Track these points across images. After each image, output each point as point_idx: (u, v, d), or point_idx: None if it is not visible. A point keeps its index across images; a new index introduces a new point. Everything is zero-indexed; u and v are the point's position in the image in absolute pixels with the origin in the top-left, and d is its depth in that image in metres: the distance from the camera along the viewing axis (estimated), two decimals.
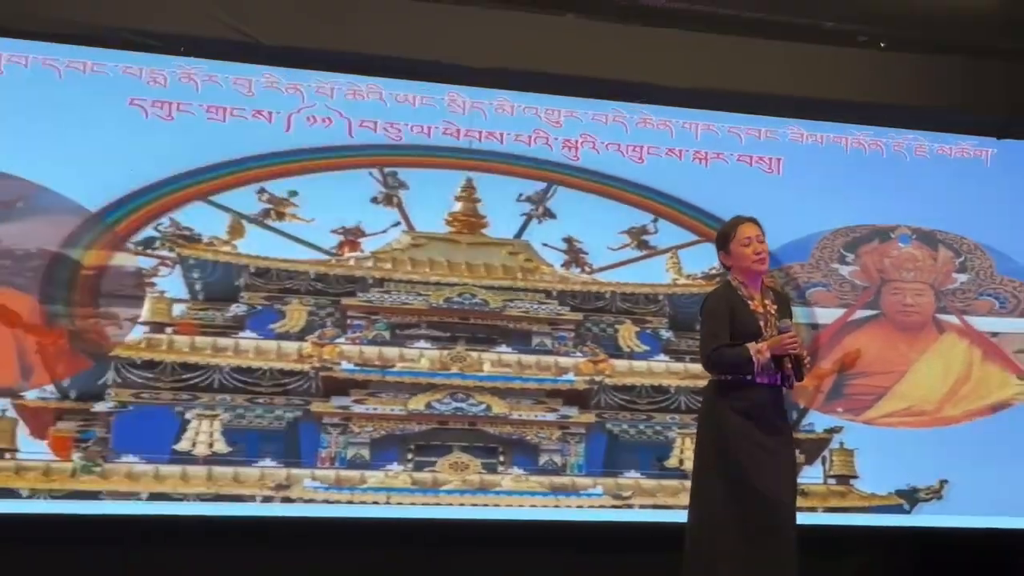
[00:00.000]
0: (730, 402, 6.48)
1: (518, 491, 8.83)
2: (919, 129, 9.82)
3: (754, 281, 6.62)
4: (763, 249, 6.64)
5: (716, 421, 6.53)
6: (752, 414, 6.42)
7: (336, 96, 8.82)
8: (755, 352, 6.39)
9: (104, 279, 8.33)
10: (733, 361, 6.44)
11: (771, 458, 6.41)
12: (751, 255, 6.58)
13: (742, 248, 6.60)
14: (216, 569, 8.34)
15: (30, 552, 8.03)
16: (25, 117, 8.27)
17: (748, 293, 6.58)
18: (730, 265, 6.69)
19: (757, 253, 6.59)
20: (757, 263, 6.60)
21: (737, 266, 6.64)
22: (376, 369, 8.70)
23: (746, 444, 6.40)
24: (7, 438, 8.09)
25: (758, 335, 6.45)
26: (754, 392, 6.45)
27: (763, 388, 6.46)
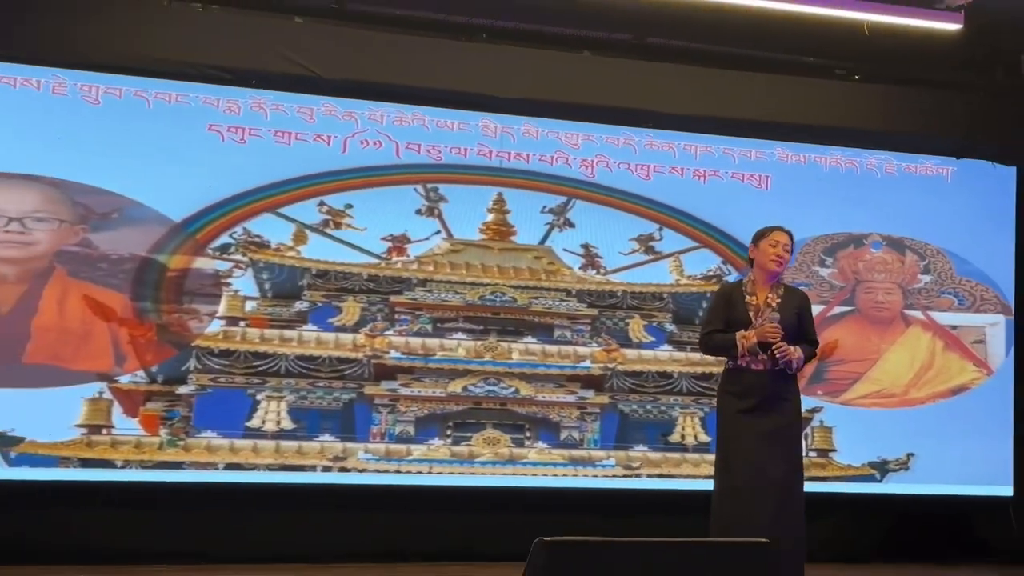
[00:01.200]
0: (727, 387, 6.52)
1: (542, 462, 8.89)
2: (888, 150, 9.82)
3: (768, 278, 6.59)
4: (784, 256, 6.59)
5: (719, 405, 6.58)
6: (744, 396, 6.42)
7: (385, 122, 8.83)
8: (740, 337, 6.40)
9: (186, 280, 8.36)
10: (720, 344, 6.44)
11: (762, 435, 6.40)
12: (772, 255, 6.55)
13: (769, 247, 6.57)
14: (282, 529, 8.44)
15: (124, 514, 8.14)
16: (119, 141, 8.28)
17: (752, 289, 6.58)
18: (753, 259, 6.66)
19: (778, 256, 6.57)
20: (772, 262, 6.56)
21: (759, 262, 6.62)
22: (420, 357, 8.75)
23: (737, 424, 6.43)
24: (104, 416, 8.12)
25: (748, 324, 6.46)
26: (746, 377, 6.44)
27: (755, 373, 6.44)
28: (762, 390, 6.49)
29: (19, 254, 8.08)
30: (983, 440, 9.70)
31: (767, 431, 6.44)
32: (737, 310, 6.51)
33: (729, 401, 6.49)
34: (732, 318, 6.49)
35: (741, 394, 6.45)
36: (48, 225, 8.15)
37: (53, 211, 8.17)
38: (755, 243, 6.70)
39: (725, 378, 6.58)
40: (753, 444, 6.41)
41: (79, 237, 8.20)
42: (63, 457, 8.03)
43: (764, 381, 6.49)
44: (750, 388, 6.47)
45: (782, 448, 6.50)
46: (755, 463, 6.38)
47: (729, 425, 6.49)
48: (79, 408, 8.12)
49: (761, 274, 6.62)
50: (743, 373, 6.48)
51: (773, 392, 6.50)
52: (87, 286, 8.19)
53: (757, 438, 6.41)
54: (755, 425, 6.42)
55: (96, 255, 8.22)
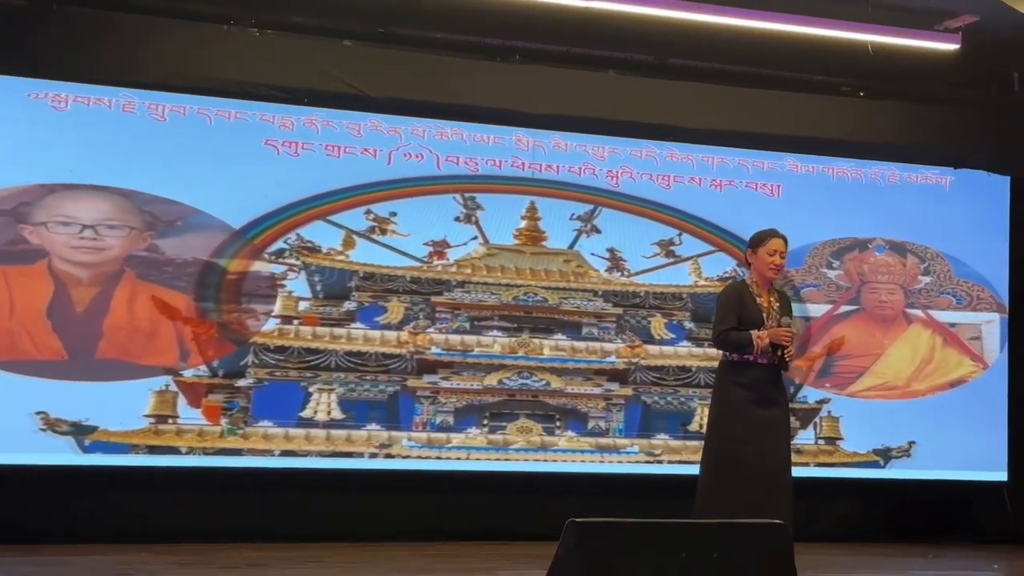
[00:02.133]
0: (733, 378, 6.43)
1: (571, 449, 8.90)
2: (891, 161, 9.80)
3: (765, 283, 6.57)
4: (781, 264, 6.54)
5: (723, 393, 6.48)
6: (751, 388, 6.37)
7: (427, 137, 8.85)
8: (756, 337, 6.35)
9: (245, 281, 8.39)
10: (737, 342, 6.39)
11: (766, 424, 6.37)
12: (770, 264, 6.49)
13: (767, 256, 6.50)
14: (332, 510, 8.45)
15: (188, 497, 8.18)
16: (183, 154, 8.31)
17: (757, 291, 6.52)
18: (751, 263, 6.60)
19: (775, 265, 6.51)
20: (771, 271, 6.52)
21: (756, 267, 6.56)
22: (459, 353, 8.76)
23: (744, 412, 6.38)
24: (170, 407, 8.15)
25: (761, 324, 6.41)
26: (753, 371, 6.39)
27: (761, 368, 6.40)
28: (765, 382, 6.47)
29: (93, 259, 8.12)
30: (979, 429, 9.68)
31: (769, 420, 6.44)
32: (749, 309, 6.48)
33: (735, 391, 6.45)
34: (745, 317, 6.47)
35: (748, 385, 6.43)
36: (119, 232, 8.19)
37: (123, 219, 8.21)
38: (753, 248, 6.62)
39: (731, 369, 6.52)
40: (757, 431, 6.39)
41: (147, 243, 8.24)
42: (133, 445, 8.08)
43: (767, 375, 6.48)
44: (756, 380, 6.44)
45: (781, 436, 6.52)
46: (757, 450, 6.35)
47: (734, 412, 6.44)
48: (147, 400, 8.16)
49: (760, 279, 6.59)
50: (750, 367, 6.45)
51: (773, 384, 6.50)
52: (154, 288, 8.22)
53: (761, 426, 6.40)
54: (760, 414, 6.41)
55: (162, 259, 8.25)
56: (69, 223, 8.11)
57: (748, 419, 6.40)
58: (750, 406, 6.41)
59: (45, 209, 8.07)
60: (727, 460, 6.38)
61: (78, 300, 8.08)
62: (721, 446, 6.44)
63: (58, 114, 8.14)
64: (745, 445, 6.34)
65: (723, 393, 6.54)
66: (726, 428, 6.46)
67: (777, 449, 6.44)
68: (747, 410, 6.42)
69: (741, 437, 6.37)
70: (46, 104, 8.13)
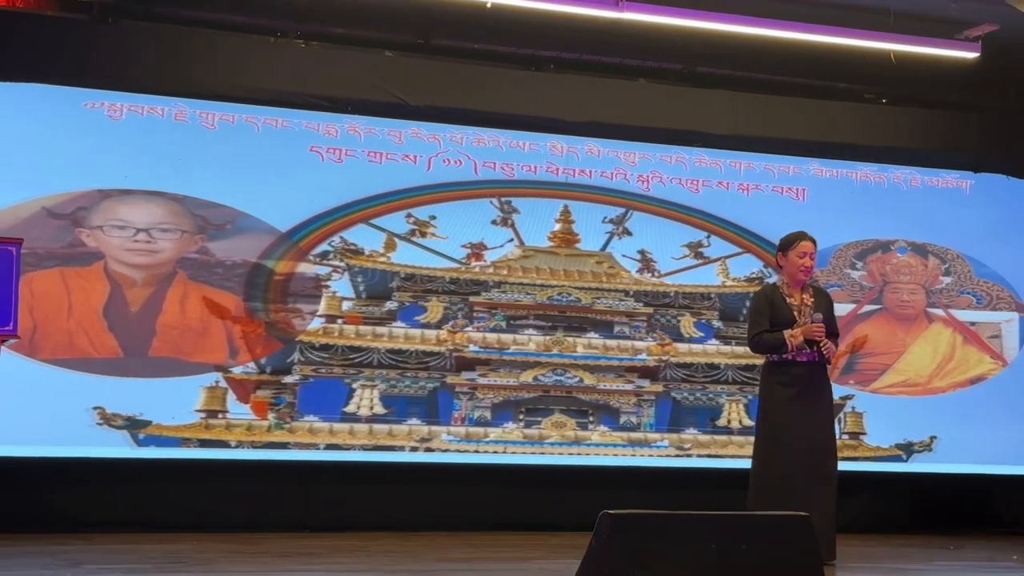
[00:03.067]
0: (775, 378, 6.49)
1: (604, 443, 8.90)
2: (912, 165, 9.74)
3: (797, 284, 6.59)
4: (812, 265, 6.58)
5: (766, 394, 6.54)
6: (791, 386, 6.42)
7: (465, 143, 8.86)
8: (788, 336, 6.37)
9: (291, 282, 8.42)
10: (770, 343, 6.41)
11: (808, 418, 6.42)
12: (801, 266, 6.53)
13: (797, 258, 6.54)
14: (375, 501, 8.49)
15: (237, 488, 8.25)
16: (232, 161, 8.36)
17: (788, 291, 6.54)
18: (782, 266, 6.62)
19: (805, 267, 6.54)
20: (801, 273, 6.56)
21: (787, 270, 6.58)
22: (495, 350, 8.77)
23: (786, 410, 6.43)
24: (220, 403, 8.20)
25: (792, 323, 6.44)
26: (794, 369, 6.43)
27: (802, 365, 6.44)
28: (807, 379, 6.51)
29: (147, 260, 8.18)
30: (999, 424, 9.62)
31: (812, 416, 6.47)
32: (780, 310, 6.50)
33: (776, 390, 6.49)
34: (777, 318, 6.47)
35: (788, 384, 6.47)
36: (171, 235, 8.25)
37: (176, 223, 8.26)
38: (783, 251, 6.65)
39: (772, 370, 6.55)
40: (799, 428, 6.43)
41: (198, 245, 8.29)
42: (184, 438, 8.13)
43: (807, 372, 6.50)
44: (796, 378, 6.49)
45: (823, 431, 6.56)
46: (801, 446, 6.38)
47: (777, 412, 6.49)
48: (198, 395, 8.21)
49: (791, 280, 6.58)
50: (790, 366, 6.48)
51: (814, 381, 6.52)
52: (205, 288, 8.27)
53: (803, 422, 6.44)
54: (801, 411, 6.45)
55: (213, 261, 8.30)
56: (124, 227, 8.17)
57: (790, 416, 6.47)
58: (791, 404, 6.47)
59: (101, 213, 8.13)
60: (773, 457, 6.46)
61: (133, 300, 8.14)
62: (766, 444, 6.52)
63: (113, 123, 8.20)
64: (787, 442, 6.41)
65: (766, 393, 6.59)
66: (771, 427, 6.51)
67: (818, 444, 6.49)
68: (788, 408, 6.48)
69: (784, 434, 6.43)
70: (102, 113, 8.18)
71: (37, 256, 7.90)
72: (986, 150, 9.85)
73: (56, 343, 7.96)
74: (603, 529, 4.50)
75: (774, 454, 6.46)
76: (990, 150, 9.85)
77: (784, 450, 6.40)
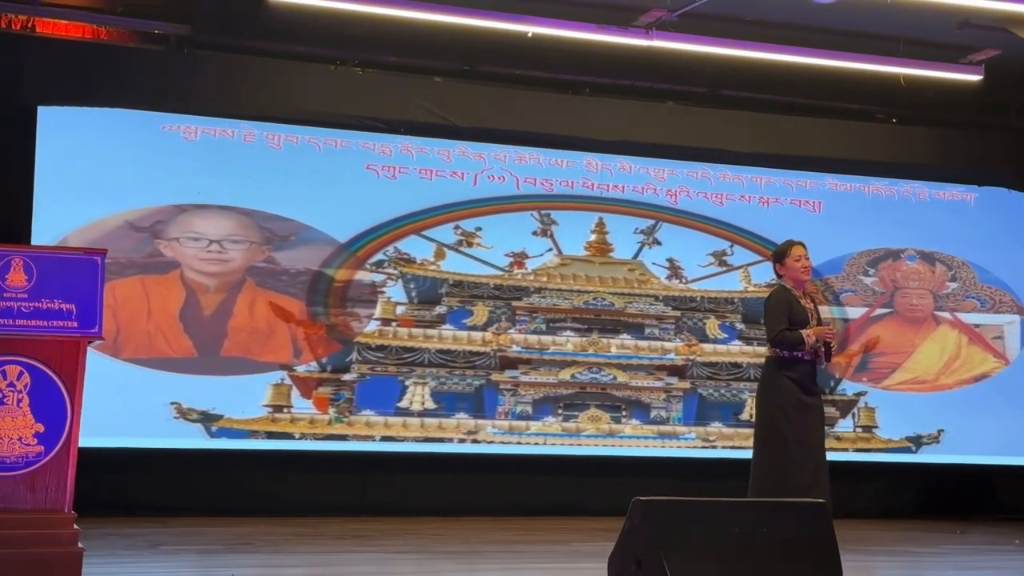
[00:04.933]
0: (785, 372, 6.42)
1: (635, 436, 8.90)
2: (921, 180, 9.69)
3: (800, 287, 6.56)
4: (810, 265, 6.56)
5: (776, 387, 6.47)
6: (799, 381, 6.38)
7: (508, 161, 8.87)
8: (806, 335, 6.41)
9: (349, 289, 8.45)
10: (792, 340, 6.37)
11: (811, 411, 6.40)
12: (800, 268, 6.46)
13: (795, 263, 6.46)
14: (426, 488, 8.52)
15: (301, 476, 8.28)
16: (296, 178, 8.39)
17: (798, 295, 6.59)
18: (783, 274, 6.58)
19: (805, 267, 6.49)
20: (804, 274, 6.51)
21: (788, 275, 6.50)
22: (536, 351, 8.77)
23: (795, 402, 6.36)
24: (285, 398, 8.23)
25: (807, 324, 6.44)
26: (800, 366, 6.38)
27: (807, 363, 6.39)
28: (811, 376, 6.49)
29: (219, 269, 8.23)
30: (1002, 418, 9.55)
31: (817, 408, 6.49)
32: (797, 311, 6.49)
33: (787, 384, 6.44)
34: (794, 318, 6.46)
35: (797, 379, 6.44)
36: (241, 246, 8.30)
37: (245, 235, 8.31)
38: (780, 261, 6.60)
39: (782, 364, 6.50)
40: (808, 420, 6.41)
41: (265, 255, 8.33)
42: (253, 431, 8.17)
43: (810, 369, 6.49)
44: (805, 374, 6.47)
45: (822, 423, 6.57)
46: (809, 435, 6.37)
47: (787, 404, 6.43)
48: (265, 391, 8.25)
49: (795, 284, 6.57)
50: (798, 363, 6.45)
51: (814, 379, 6.53)
52: (271, 294, 8.31)
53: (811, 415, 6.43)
54: (809, 402, 6.43)
55: (278, 269, 8.33)
56: (198, 238, 8.23)
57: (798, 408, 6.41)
58: (799, 397, 6.42)
59: (177, 226, 8.19)
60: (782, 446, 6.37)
61: (206, 305, 8.20)
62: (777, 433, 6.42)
63: (188, 144, 8.26)
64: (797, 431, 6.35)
65: (776, 387, 6.51)
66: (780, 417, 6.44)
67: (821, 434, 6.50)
68: (797, 401, 6.42)
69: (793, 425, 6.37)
70: (178, 135, 8.24)
71: (120, 265, 7.96)
72: (989, 165, 9.79)
73: (137, 344, 8.02)
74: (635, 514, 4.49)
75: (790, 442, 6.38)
76: (993, 165, 9.79)
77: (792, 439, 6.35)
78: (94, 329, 4.74)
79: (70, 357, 4.66)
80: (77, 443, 4.66)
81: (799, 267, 6.56)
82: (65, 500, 4.60)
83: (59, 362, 4.64)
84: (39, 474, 4.58)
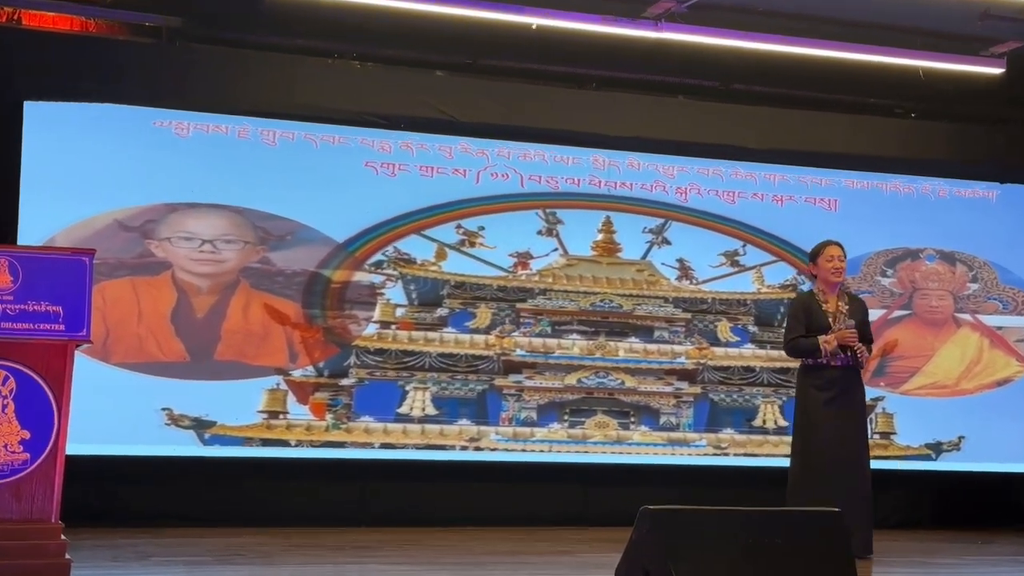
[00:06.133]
0: (810, 381, 6.50)
1: (644, 443, 8.88)
2: (940, 176, 9.68)
3: (831, 288, 6.56)
4: (841, 267, 6.61)
5: (802, 396, 6.56)
6: (826, 388, 6.42)
7: (512, 158, 8.86)
8: (823, 342, 6.38)
9: (347, 290, 8.44)
10: (805, 348, 6.43)
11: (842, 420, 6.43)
12: (831, 269, 6.55)
13: (826, 263, 6.57)
14: (427, 497, 8.50)
15: (297, 485, 8.27)
16: (292, 176, 8.39)
17: (824, 298, 6.54)
18: (815, 275, 6.66)
19: (835, 268, 6.55)
20: (834, 275, 6.57)
21: (820, 276, 6.59)
22: (541, 355, 8.77)
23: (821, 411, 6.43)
24: (280, 404, 8.23)
25: (828, 329, 6.44)
26: (828, 372, 6.43)
27: (836, 369, 6.44)
28: (841, 383, 6.53)
29: (212, 270, 8.24)
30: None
31: (845, 417, 6.49)
32: (815, 317, 6.52)
33: (812, 393, 6.50)
34: (812, 324, 6.49)
35: (823, 387, 6.48)
36: (235, 246, 8.30)
37: (239, 234, 8.31)
38: (813, 260, 6.74)
39: (807, 373, 6.56)
40: (834, 430, 6.43)
41: (260, 255, 8.34)
42: (247, 438, 8.17)
43: (842, 375, 6.51)
44: (831, 382, 6.50)
45: (857, 432, 6.59)
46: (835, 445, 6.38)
47: (812, 413, 6.49)
48: (260, 397, 8.24)
49: (825, 285, 6.59)
50: (824, 369, 6.50)
51: (848, 384, 6.52)
52: (267, 296, 8.31)
53: (837, 424, 6.46)
54: (836, 413, 6.46)
55: (274, 270, 8.34)
56: (190, 238, 8.23)
57: (825, 419, 6.49)
58: (826, 406, 6.49)
59: (169, 225, 8.19)
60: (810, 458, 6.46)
61: (199, 307, 8.20)
62: (804, 446, 6.52)
63: (180, 140, 8.26)
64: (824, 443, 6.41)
65: (802, 396, 6.60)
66: (807, 428, 6.54)
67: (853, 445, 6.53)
68: (824, 410, 6.50)
69: (820, 436, 6.41)
70: (170, 131, 8.24)
71: (109, 266, 7.96)
72: (1011, 161, 9.75)
73: (127, 348, 8.03)
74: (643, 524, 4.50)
75: (812, 453, 6.46)
76: (1015, 161, 9.75)
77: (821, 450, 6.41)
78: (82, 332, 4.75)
79: (57, 361, 4.67)
80: (64, 450, 4.67)
81: (830, 268, 6.60)
82: (52, 509, 4.61)
83: (46, 366, 4.65)
84: (25, 482, 4.58)
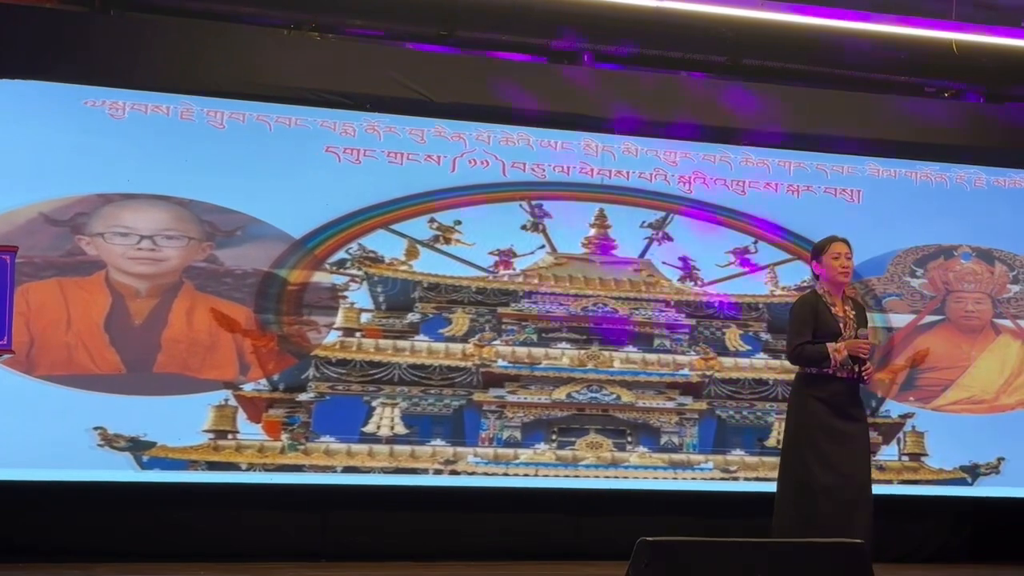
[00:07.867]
0: (813, 392, 6.46)
1: (643, 466, 8.85)
2: (977, 164, 9.66)
3: (837, 290, 6.56)
4: (849, 265, 6.59)
5: (801, 408, 6.53)
6: (830, 402, 6.38)
7: (492, 142, 8.83)
8: (833, 351, 6.35)
9: (306, 293, 8.40)
10: (813, 356, 6.42)
11: (845, 439, 6.39)
12: (838, 268, 6.53)
13: (832, 261, 6.54)
14: (396, 528, 8.46)
15: (248, 515, 8.24)
16: (243, 163, 8.34)
17: (831, 300, 6.56)
18: (819, 274, 6.66)
19: (843, 267, 6.53)
20: (841, 275, 6.55)
21: (825, 275, 6.59)
22: (526, 366, 8.73)
23: (823, 427, 6.40)
24: (229, 422, 8.18)
25: (838, 335, 6.42)
26: (832, 384, 6.41)
27: (841, 381, 6.42)
28: (845, 396, 6.50)
29: (151, 270, 8.19)
30: None
31: (849, 435, 6.48)
32: (824, 320, 6.50)
33: (813, 405, 6.49)
34: (821, 328, 6.47)
35: (826, 400, 6.47)
36: (177, 242, 8.26)
37: (182, 229, 8.27)
38: (816, 258, 6.72)
39: (810, 382, 6.55)
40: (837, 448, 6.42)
41: (206, 253, 8.29)
42: (191, 460, 8.12)
43: (846, 388, 6.50)
44: (836, 394, 6.51)
45: (861, 452, 6.54)
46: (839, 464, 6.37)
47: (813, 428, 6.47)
48: (206, 414, 8.19)
49: (831, 286, 6.60)
50: (829, 380, 6.49)
51: (852, 399, 6.54)
52: (213, 299, 8.27)
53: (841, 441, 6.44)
54: (840, 428, 6.46)
55: (222, 270, 8.30)
56: (127, 233, 8.18)
57: (828, 435, 6.43)
58: (829, 421, 6.46)
59: (102, 219, 8.15)
60: (806, 478, 6.40)
61: (136, 312, 8.15)
62: (800, 463, 6.46)
63: (115, 122, 8.21)
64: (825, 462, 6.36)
65: (801, 407, 6.56)
66: (805, 445, 6.48)
67: (858, 466, 6.46)
68: (827, 426, 6.46)
69: (821, 454, 6.39)
70: (103, 112, 8.19)
71: (34, 265, 7.92)
72: None
73: (54, 358, 7.98)
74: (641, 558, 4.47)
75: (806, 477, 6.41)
76: None
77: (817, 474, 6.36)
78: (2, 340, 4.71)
79: None
80: None
81: (836, 267, 6.59)
82: None
83: None
84: None
